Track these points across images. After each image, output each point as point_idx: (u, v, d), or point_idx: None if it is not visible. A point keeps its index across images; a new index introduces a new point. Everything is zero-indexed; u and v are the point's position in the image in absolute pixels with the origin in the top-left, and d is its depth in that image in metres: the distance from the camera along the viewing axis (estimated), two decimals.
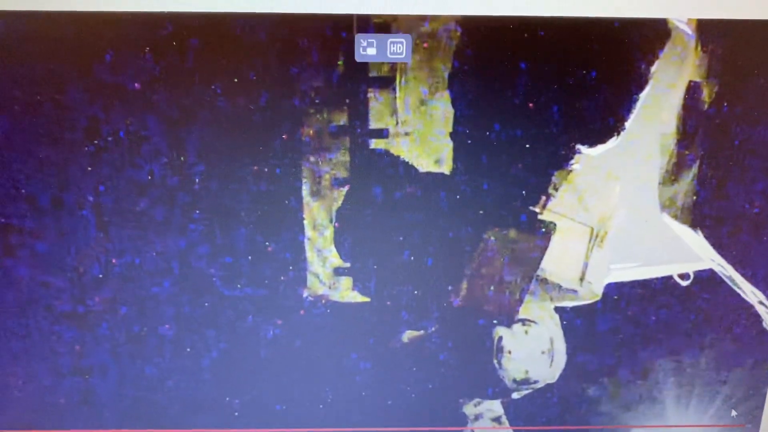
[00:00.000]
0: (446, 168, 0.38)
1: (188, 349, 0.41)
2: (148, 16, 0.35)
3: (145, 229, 0.38)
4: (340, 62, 0.36)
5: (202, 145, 0.37)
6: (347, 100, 0.37)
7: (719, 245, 0.40)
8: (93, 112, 0.36)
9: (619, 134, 0.38)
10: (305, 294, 0.40)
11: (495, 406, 0.43)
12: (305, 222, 0.39)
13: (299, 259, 0.39)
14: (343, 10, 0.35)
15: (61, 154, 0.37)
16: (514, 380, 0.42)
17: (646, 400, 0.44)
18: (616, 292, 0.41)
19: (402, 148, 0.38)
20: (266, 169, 0.37)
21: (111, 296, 0.40)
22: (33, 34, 0.35)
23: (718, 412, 0.44)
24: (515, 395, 0.43)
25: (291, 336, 0.41)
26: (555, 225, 0.39)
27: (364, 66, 0.36)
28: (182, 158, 0.37)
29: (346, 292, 0.40)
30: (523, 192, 0.39)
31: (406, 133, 0.37)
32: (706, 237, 0.40)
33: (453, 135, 0.37)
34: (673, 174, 0.39)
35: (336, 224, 0.39)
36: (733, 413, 0.44)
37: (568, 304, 0.41)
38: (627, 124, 0.37)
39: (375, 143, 0.38)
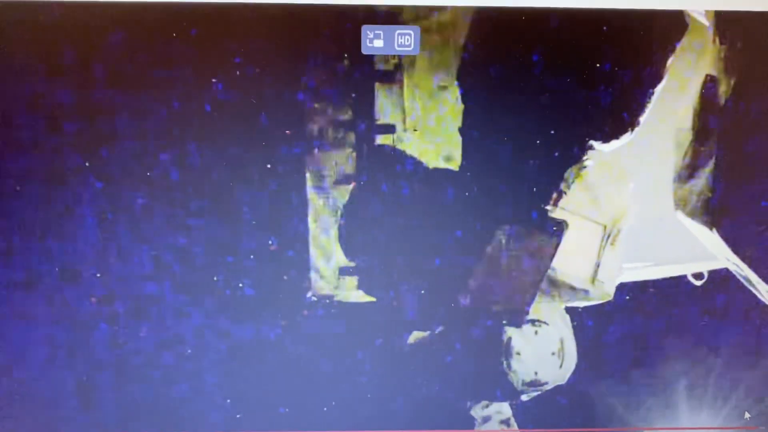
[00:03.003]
0: (455, 164, 0.37)
1: (189, 351, 0.40)
2: (147, 5, 0.34)
3: (145, 226, 0.37)
4: (345, 55, 0.35)
5: (203, 140, 0.36)
6: (353, 95, 0.35)
7: (735, 244, 0.39)
8: (90, 104, 0.35)
9: (633, 130, 0.37)
10: (309, 294, 0.39)
11: (504, 409, 0.42)
12: (309, 220, 0.38)
13: (303, 258, 0.38)
14: (348, 0, 0.34)
15: (56, 148, 0.36)
16: (524, 382, 0.41)
17: (657, 401, 0.43)
18: (628, 292, 0.40)
19: (409, 144, 0.37)
20: (269, 166, 0.36)
21: (108, 295, 0.38)
22: (28, 23, 0.34)
23: (731, 415, 0.43)
24: (524, 397, 0.42)
25: (295, 337, 0.40)
26: (567, 223, 0.38)
27: (371, 59, 0.35)
28: (182, 153, 0.36)
29: (351, 292, 0.39)
30: (534, 189, 0.37)
31: (414, 129, 0.36)
32: (722, 236, 0.39)
33: (462, 130, 0.36)
34: (689, 171, 0.38)
35: (341, 222, 0.38)
36: (747, 415, 0.43)
37: (580, 304, 0.40)
38: (641, 119, 0.36)
39: (381, 139, 0.36)
